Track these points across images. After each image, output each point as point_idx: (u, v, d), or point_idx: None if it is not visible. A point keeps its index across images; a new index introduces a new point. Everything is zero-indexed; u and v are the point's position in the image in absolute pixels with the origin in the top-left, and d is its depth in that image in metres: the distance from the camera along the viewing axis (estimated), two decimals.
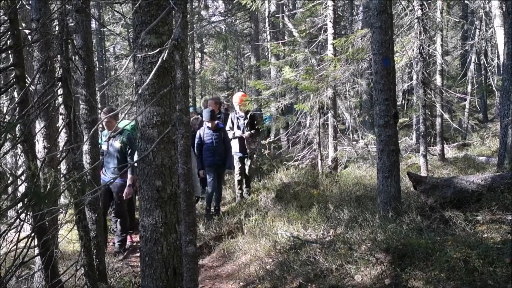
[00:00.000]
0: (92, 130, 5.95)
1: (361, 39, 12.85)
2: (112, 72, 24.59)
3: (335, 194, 9.75)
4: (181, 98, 3.44)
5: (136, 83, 3.65)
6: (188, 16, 23.58)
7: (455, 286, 4.83)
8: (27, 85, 4.28)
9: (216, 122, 11.27)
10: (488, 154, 13.42)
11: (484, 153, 13.87)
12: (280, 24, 19.54)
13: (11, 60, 4.28)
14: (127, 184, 8.96)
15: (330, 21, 13.51)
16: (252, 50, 23.73)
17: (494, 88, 19.08)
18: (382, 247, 5.99)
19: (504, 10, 12.07)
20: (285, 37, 17.97)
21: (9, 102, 10.00)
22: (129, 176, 8.94)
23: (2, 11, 4.76)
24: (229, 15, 25.36)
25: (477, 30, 19.02)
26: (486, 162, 11.97)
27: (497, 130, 15.51)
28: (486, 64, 19.96)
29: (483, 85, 21.40)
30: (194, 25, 23.77)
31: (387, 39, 7.19)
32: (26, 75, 4.48)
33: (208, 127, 11.18)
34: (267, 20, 19.32)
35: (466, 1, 16.90)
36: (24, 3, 6.81)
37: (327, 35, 13.65)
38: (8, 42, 4.42)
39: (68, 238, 8.21)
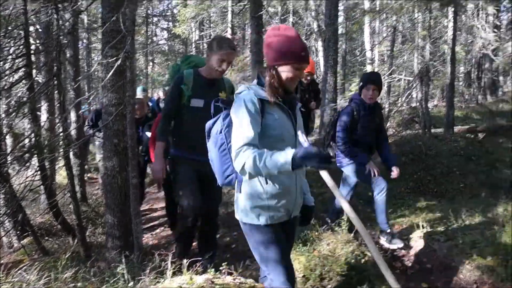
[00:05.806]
0: (72, 104, 5.61)
1: (247, 59, 12.99)
2: (95, 73, 23.20)
3: None
4: (130, 88, 3.31)
5: (102, 78, 3.50)
6: (143, 39, 22.60)
7: None
8: (33, 78, 3.99)
9: None
10: None
11: None
12: (201, 47, 19.30)
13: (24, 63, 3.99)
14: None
15: None
16: None
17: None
18: None
19: (323, 47, 12.73)
20: (204, 55, 17.71)
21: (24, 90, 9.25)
22: None
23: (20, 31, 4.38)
24: (170, 40, 24.95)
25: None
26: None
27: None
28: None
29: None
30: (149, 45, 23.02)
31: (259, 60, 7.19)
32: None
33: None
34: (193, 44, 19.09)
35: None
36: (34, 29, 6.31)
37: None
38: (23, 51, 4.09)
39: (63, 176, 7.80)
